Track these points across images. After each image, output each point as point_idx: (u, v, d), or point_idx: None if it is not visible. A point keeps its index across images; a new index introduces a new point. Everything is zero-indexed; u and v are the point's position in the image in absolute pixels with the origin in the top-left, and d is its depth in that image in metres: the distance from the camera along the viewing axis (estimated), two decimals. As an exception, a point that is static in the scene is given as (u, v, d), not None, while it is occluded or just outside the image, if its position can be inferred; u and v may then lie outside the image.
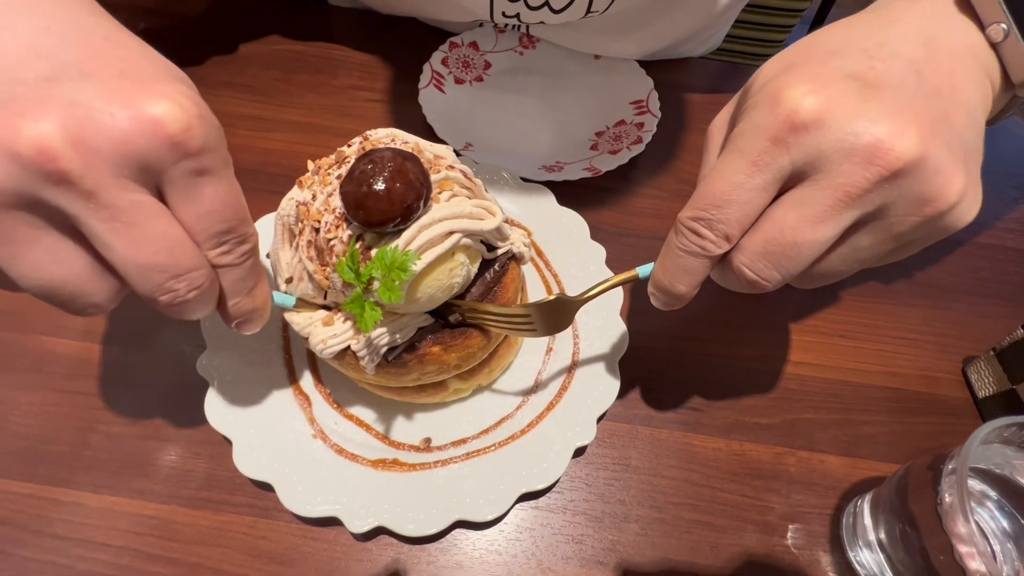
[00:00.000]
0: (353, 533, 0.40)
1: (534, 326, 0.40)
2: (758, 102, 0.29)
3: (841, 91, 0.27)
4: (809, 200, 0.28)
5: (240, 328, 0.35)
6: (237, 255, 0.31)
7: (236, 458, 0.41)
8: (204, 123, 0.28)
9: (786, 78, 0.29)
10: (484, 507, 0.41)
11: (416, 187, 0.33)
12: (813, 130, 0.27)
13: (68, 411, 0.45)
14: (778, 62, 0.31)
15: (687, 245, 0.31)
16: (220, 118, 0.66)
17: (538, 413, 0.45)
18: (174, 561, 0.40)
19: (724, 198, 0.29)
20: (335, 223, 0.35)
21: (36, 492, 0.42)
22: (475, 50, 0.67)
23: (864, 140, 0.26)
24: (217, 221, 0.29)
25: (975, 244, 0.59)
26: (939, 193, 0.27)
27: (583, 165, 0.58)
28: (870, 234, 0.29)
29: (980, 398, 0.49)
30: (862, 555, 0.41)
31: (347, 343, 0.38)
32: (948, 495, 0.33)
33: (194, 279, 0.29)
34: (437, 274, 0.36)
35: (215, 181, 0.29)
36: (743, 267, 0.30)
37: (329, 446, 0.43)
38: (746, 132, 0.29)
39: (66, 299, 0.28)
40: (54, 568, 0.40)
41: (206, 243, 0.30)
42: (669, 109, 0.64)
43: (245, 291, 0.33)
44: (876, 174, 0.26)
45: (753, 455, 0.46)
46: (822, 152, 0.27)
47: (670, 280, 0.33)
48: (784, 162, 0.28)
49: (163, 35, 0.68)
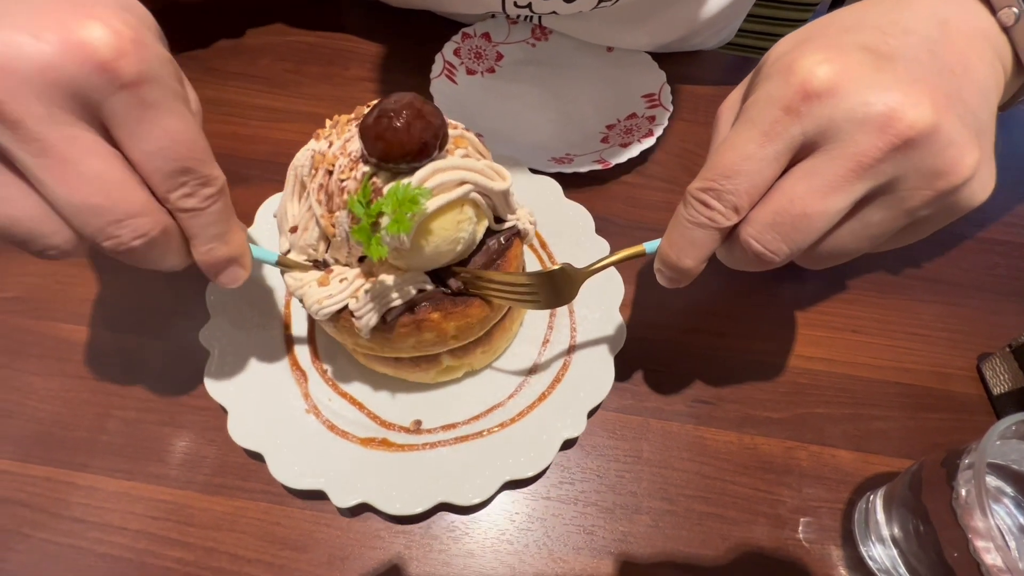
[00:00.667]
0: (338, 507, 0.41)
1: (537, 297, 0.40)
2: (771, 73, 0.29)
3: (856, 61, 0.27)
4: (820, 170, 0.27)
5: (220, 282, 0.33)
6: (200, 198, 0.29)
7: (230, 427, 0.42)
8: (142, 50, 0.26)
9: (800, 49, 0.29)
10: (469, 491, 0.41)
11: (434, 127, 0.34)
12: (826, 99, 0.27)
13: (85, 397, 0.46)
14: (792, 38, 0.31)
15: (695, 216, 0.31)
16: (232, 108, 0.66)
17: (529, 403, 0.45)
18: (190, 546, 0.41)
19: (734, 168, 0.29)
20: (350, 165, 0.36)
21: (54, 476, 0.43)
22: (487, 41, 0.67)
23: (877, 109, 0.26)
24: (169, 159, 0.28)
25: (990, 240, 0.58)
26: (952, 166, 0.26)
27: (593, 157, 0.58)
28: (881, 208, 0.28)
29: (995, 395, 0.48)
30: (874, 550, 0.41)
31: (344, 303, 0.38)
32: (964, 490, 0.32)
33: (139, 225, 0.28)
34: (445, 222, 0.36)
35: (162, 115, 0.27)
36: (751, 239, 0.30)
37: (321, 422, 0.44)
38: (759, 102, 0.29)
39: (22, 240, 0.27)
40: (72, 551, 0.40)
41: (162, 185, 0.28)
42: (681, 102, 0.64)
43: (215, 238, 0.31)
44: (888, 143, 0.26)
45: (764, 448, 0.46)
46: (834, 121, 0.27)
47: (677, 254, 0.32)
48: (796, 132, 0.28)
49: (174, 25, 0.68)
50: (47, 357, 0.47)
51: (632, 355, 0.49)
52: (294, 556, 0.41)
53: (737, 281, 0.53)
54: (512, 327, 0.48)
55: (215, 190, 0.30)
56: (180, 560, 0.40)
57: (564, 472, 0.45)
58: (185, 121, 0.28)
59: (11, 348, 0.47)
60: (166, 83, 0.27)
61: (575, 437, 0.44)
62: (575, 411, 0.44)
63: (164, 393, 0.46)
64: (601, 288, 0.50)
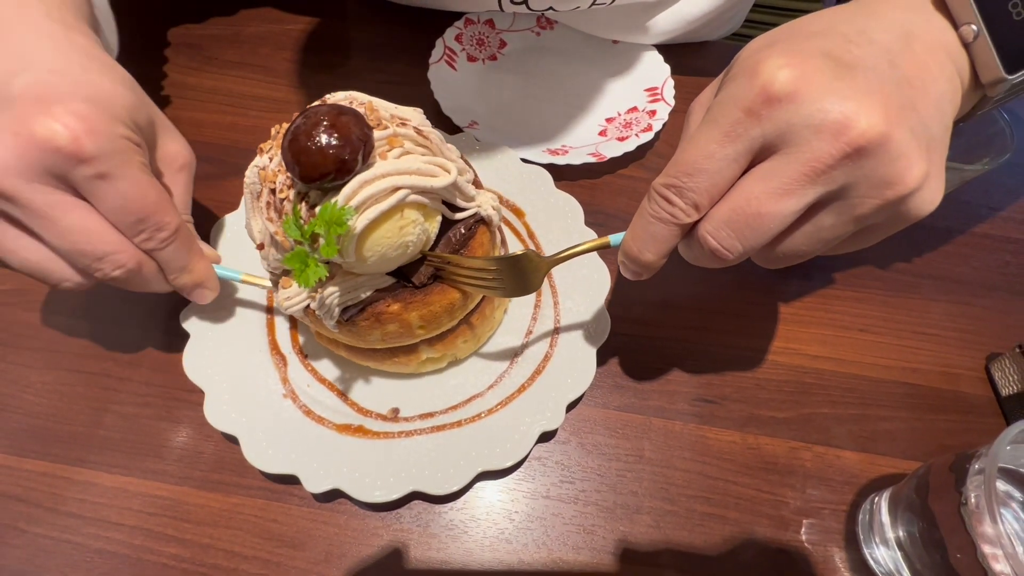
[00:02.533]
0: (312, 493, 0.41)
1: (501, 283, 0.39)
2: (736, 74, 0.30)
3: (816, 68, 0.28)
4: (776, 173, 0.29)
5: (193, 299, 0.42)
6: (157, 241, 0.37)
7: (206, 409, 0.42)
8: (92, 135, 0.33)
9: (766, 52, 0.29)
10: (442, 480, 0.41)
11: (352, 141, 0.32)
12: (786, 103, 0.28)
13: (82, 391, 0.45)
14: (762, 39, 0.32)
15: (657, 212, 0.32)
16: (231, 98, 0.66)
17: (508, 394, 0.45)
18: (186, 542, 0.41)
19: (695, 166, 0.30)
20: (286, 183, 0.35)
21: (50, 471, 0.42)
22: (491, 28, 0.66)
23: (832, 116, 0.27)
24: (127, 214, 0.36)
25: (1002, 238, 0.57)
26: (900, 177, 0.28)
27: (588, 150, 0.57)
28: (832, 214, 0.30)
29: (1003, 396, 0.48)
30: (878, 552, 0.40)
31: (305, 302, 0.38)
32: (974, 496, 0.32)
33: (116, 260, 0.36)
34: (385, 231, 0.35)
35: (116, 181, 0.35)
36: (707, 235, 0.31)
37: (298, 406, 0.44)
38: (722, 102, 0.30)
39: (42, 278, 0.37)
40: (68, 546, 0.40)
41: (127, 232, 0.36)
42: (686, 94, 0.63)
43: (179, 269, 0.40)
44: (840, 150, 0.27)
45: (768, 449, 0.46)
46: (792, 126, 0.28)
47: (639, 247, 0.34)
48: (756, 133, 0.29)
49: (174, 16, 0.67)
50: (43, 350, 0.47)
51: (634, 353, 0.48)
52: (291, 553, 0.41)
53: (742, 279, 0.53)
54: (495, 316, 0.47)
55: (168, 233, 0.38)
56: (176, 556, 0.40)
57: (564, 471, 0.44)
58: (137, 183, 0.36)
59: (7, 341, 0.47)
60: (118, 156, 0.35)
61: (553, 430, 0.44)
62: (554, 404, 0.44)
63: (161, 388, 0.46)
64: (587, 280, 0.49)
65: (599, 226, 0.53)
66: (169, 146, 0.42)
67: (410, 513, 0.42)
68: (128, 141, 0.36)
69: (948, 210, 0.31)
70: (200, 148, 0.58)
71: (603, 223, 0.55)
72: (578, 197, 0.54)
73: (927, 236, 0.57)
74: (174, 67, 0.64)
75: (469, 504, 0.43)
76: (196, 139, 0.58)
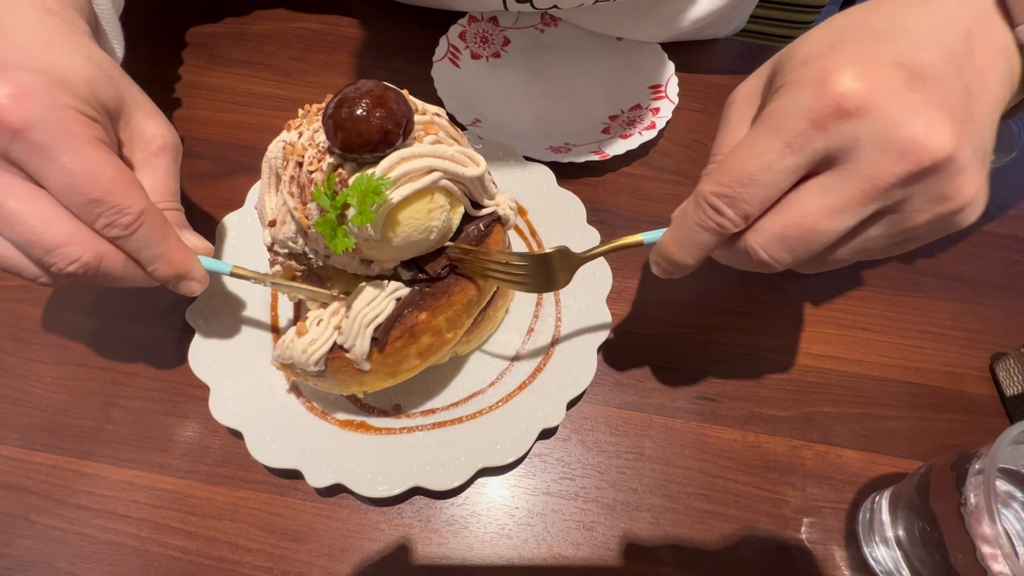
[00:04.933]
0: (315, 487, 0.41)
1: (528, 279, 0.39)
2: (801, 80, 0.28)
3: (889, 79, 0.27)
4: (836, 189, 0.28)
5: (180, 292, 0.37)
6: (120, 228, 0.32)
7: (211, 405, 0.43)
8: (24, 101, 0.30)
9: (834, 58, 0.28)
10: (443, 476, 0.41)
11: (396, 116, 0.33)
12: (857, 118, 0.27)
13: (91, 386, 0.46)
14: (823, 37, 0.30)
15: (705, 221, 0.31)
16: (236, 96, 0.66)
17: (510, 391, 0.45)
18: (192, 534, 0.41)
19: (752, 177, 0.29)
20: (318, 156, 0.35)
21: (59, 463, 0.43)
22: (495, 26, 0.66)
23: (902, 133, 0.26)
24: (76, 195, 0.31)
25: (1009, 236, 0.57)
26: (957, 192, 0.27)
27: (591, 148, 0.57)
28: (883, 226, 0.29)
29: (1008, 396, 0.47)
30: (878, 551, 0.40)
31: (329, 342, 0.38)
32: (973, 495, 0.32)
33: (68, 253, 0.31)
34: (414, 211, 0.35)
35: (60, 156, 0.30)
36: (758, 248, 0.30)
37: (301, 402, 0.44)
38: (785, 110, 0.28)
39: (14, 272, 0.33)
40: (77, 537, 0.41)
41: (83, 216, 0.32)
42: (691, 91, 0.62)
43: (154, 259, 0.35)
44: (906, 170, 0.26)
45: (769, 447, 0.46)
46: (860, 141, 0.27)
47: (680, 252, 0.33)
48: (819, 146, 0.28)
49: (179, 14, 0.68)
50: (53, 345, 0.48)
51: (635, 350, 0.48)
52: (295, 547, 0.41)
53: (745, 277, 0.52)
54: (497, 315, 0.47)
55: (131, 218, 0.33)
56: (182, 549, 0.41)
57: (565, 468, 0.45)
58: (85, 158, 0.31)
59: (17, 336, 0.48)
60: (61, 126, 0.31)
61: (554, 427, 0.44)
62: (554, 401, 0.44)
63: (169, 383, 0.47)
64: (588, 278, 0.49)
65: (601, 224, 0.53)
66: (144, 126, 0.37)
67: (412, 508, 0.43)
68: (76, 112, 0.32)
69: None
70: (205, 146, 0.59)
71: (606, 221, 0.55)
72: (581, 195, 0.54)
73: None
74: (180, 65, 0.64)
75: (470, 500, 0.43)
76: (201, 137, 0.59)
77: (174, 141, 0.39)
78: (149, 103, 0.39)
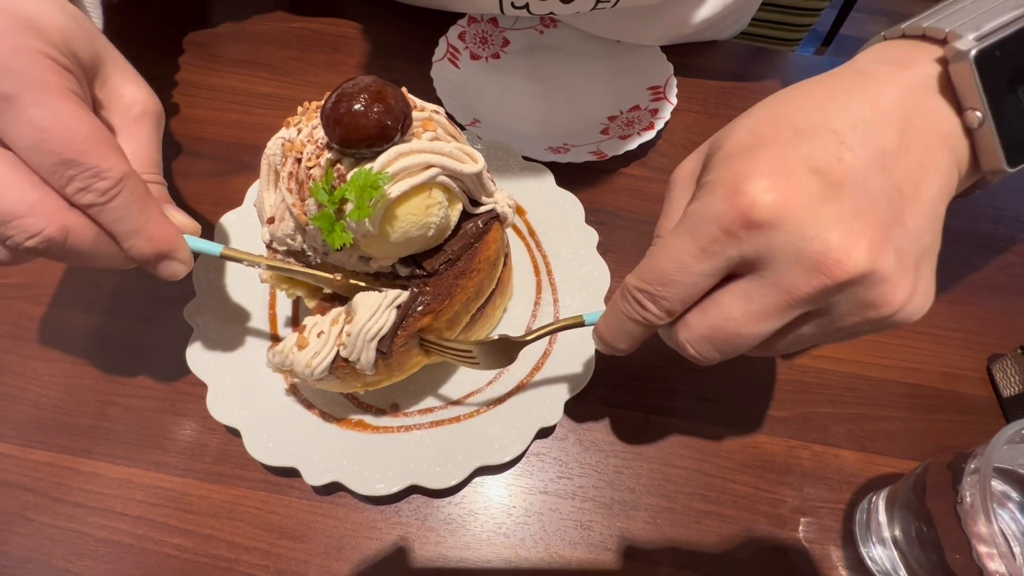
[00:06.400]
0: (312, 486, 0.41)
1: (477, 360, 0.40)
2: (717, 183, 0.28)
3: (802, 189, 0.26)
4: (756, 296, 0.28)
5: (160, 274, 0.33)
6: (97, 193, 0.28)
7: (209, 403, 0.43)
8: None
9: (750, 163, 0.27)
10: (441, 475, 0.41)
11: (394, 111, 0.33)
12: (767, 229, 0.26)
13: (88, 384, 0.46)
14: (745, 133, 0.29)
15: (630, 312, 0.32)
16: (236, 96, 0.65)
17: (507, 390, 0.45)
18: (189, 532, 0.41)
19: (670, 278, 0.29)
20: (316, 152, 0.35)
21: (57, 461, 0.43)
22: (494, 26, 0.66)
23: (814, 248, 0.26)
24: (45, 153, 0.27)
25: (1006, 238, 0.57)
26: (883, 300, 0.27)
27: (590, 148, 0.57)
28: (813, 326, 0.29)
29: (1004, 397, 0.47)
30: (875, 551, 0.40)
31: (332, 353, 0.37)
32: (969, 494, 0.32)
33: (27, 225, 0.27)
34: (412, 207, 0.35)
35: (27, 108, 0.26)
36: (686, 344, 0.31)
37: (299, 400, 0.44)
38: (700, 215, 0.28)
39: None
40: (74, 535, 0.41)
41: (52, 180, 0.28)
42: (690, 93, 0.63)
43: (132, 233, 0.30)
44: (821, 282, 0.26)
45: (766, 447, 0.46)
46: (772, 251, 0.27)
47: (612, 338, 0.34)
48: (733, 253, 0.28)
49: (178, 13, 0.68)
50: (50, 343, 0.48)
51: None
52: (291, 545, 0.41)
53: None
54: (495, 314, 0.47)
55: (110, 183, 0.29)
56: (179, 547, 0.41)
57: (562, 467, 0.45)
58: (55, 111, 0.27)
59: (15, 334, 0.48)
60: (29, 74, 0.27)
61: (551, 426, 0.44)
62: (552, 400, 0.44)
63: (166, 381, 0.47)
64: (587, 278, 0.50)
65: (600, 224, 0.53)
66: (123, 88, 0.33)
67: (409, 507, 0.43)
68: (49, 59, 0.28)
69: (952, 209, 0.31)
70: (205, 145, 0.59)
71: (604, 221, 0.55)
72: (579, 195, 0.54)
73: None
74: (180, 65, 0.64)
75: (467, 499, 0.43)
76: (201, 136, 0.59)
77: (156, 107, 0.35)
78: (128, 65, 0.34)
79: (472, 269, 0.40)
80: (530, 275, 0.51)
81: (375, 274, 0.41)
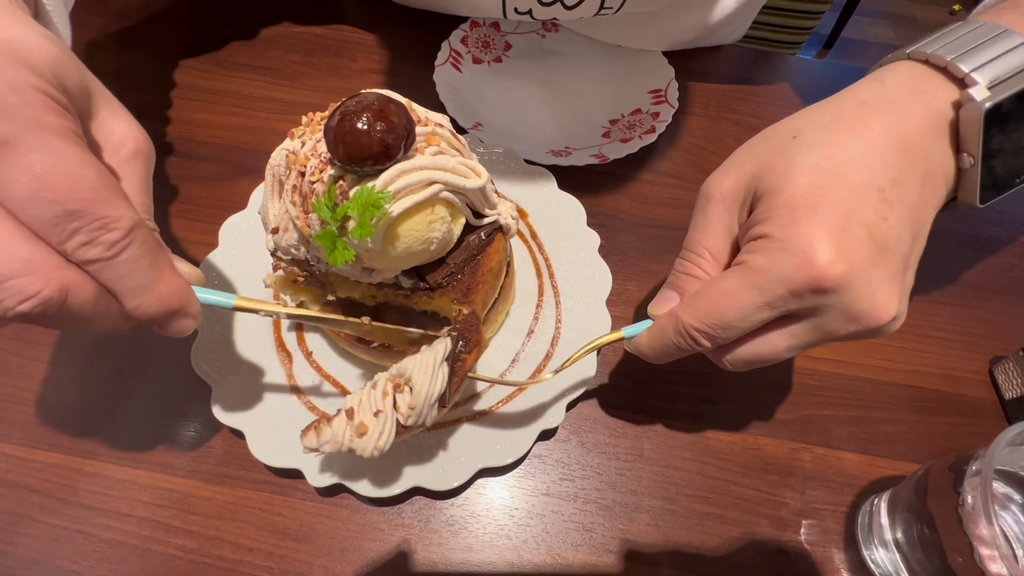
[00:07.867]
0: (315, 487, 0.42)
1: None
2: (787, 245, 0.31)
3: (860, 258, 0.31)
4: (800, 335, 0.33)
5: (168, 333, 0.30)
6: (104, 246, 0.25)
7: (213, 405, 0.43)
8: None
9: (817, 228, 0.31)
10: (443, 477, 0.41)
11: (397, 129, 0.33)
12: (830, 294, 0.31)
13: (93, 385, 0.47)
14: (807, 182, 0.32)
15: (683, 345, 0.35)
16: (240, 100, 0.66)
17: (510, 392, 0.45)
18: (193, 534, 0.41)
19: (732, 324, 0.33)
20: (320, 167, 0.35)
21: (63, 462, 0.43)
22: (496, 30, 0.66)
23: (862, 306, 0.31)
24: (44, 204, 0.23)
25: (1008, 242, 0.57)
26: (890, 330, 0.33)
27: (592, 152, 0.57)
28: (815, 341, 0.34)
29: (1007, 399, 0.47)
30: (877, 554, 0.40)
31: (394, 427, 0.36)
32: (971, 496, 0.32)
33: (21, 287, 0.23)
34: (415, 223, 0.36)
35: (21, 152, 0.23)
36: (727, 363, 0.36)
37: (302, 403, 0.45)
38: (769, 274, 0.32)
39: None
40: (80, 536, 0.41)
41: (51, 236, 0.24)
42: (692, 96, 0.63)
43: (141, 290, 0.27)
44: (857, 328, 0.32)
45: (768, 450, 0.46)
46: (828, 307, 0.32)
47: (654, 356, 0.38)
48: (793, 307, 0.32)
49: (183, 18, 0.69)
50: (57, 345, 0.48)
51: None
52: (295, 546, 0.41)
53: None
54: (498, 317, 0.48)
55: (121, 234, 0.25)
56: (183, 548, 0.41)
57: (564, 469, 0.45)
58: (57, 155, 0.24)
59: (22, 336, 0.48)
60: (28, 114, 0.23)
61: (554, 428, 0.44)
62: (554, 402, 0.44)
63: (171, 383, 0.47)
64: (588, 281, 0.50)
65: (601, 227, 0.53)
66: (113, 125, 0.30)
67: (411, 508, 0.43)
68: (45, 96, 0.24)
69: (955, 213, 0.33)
70: (209, 149, 0.60)
71: (605, 224, 0.55)
72: (581, 198, 0.54)
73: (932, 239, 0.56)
74: (184, 69, 0.65)
75: (470, 500, 0.43)
76: (205, 140, 0.60)
77: (147, 147, 0.31)
78: (115, 100, 0.31)
79: (477, 283, 0.41)
80: (532, 278, 0.51)
81: (377, 285, 0.41)
